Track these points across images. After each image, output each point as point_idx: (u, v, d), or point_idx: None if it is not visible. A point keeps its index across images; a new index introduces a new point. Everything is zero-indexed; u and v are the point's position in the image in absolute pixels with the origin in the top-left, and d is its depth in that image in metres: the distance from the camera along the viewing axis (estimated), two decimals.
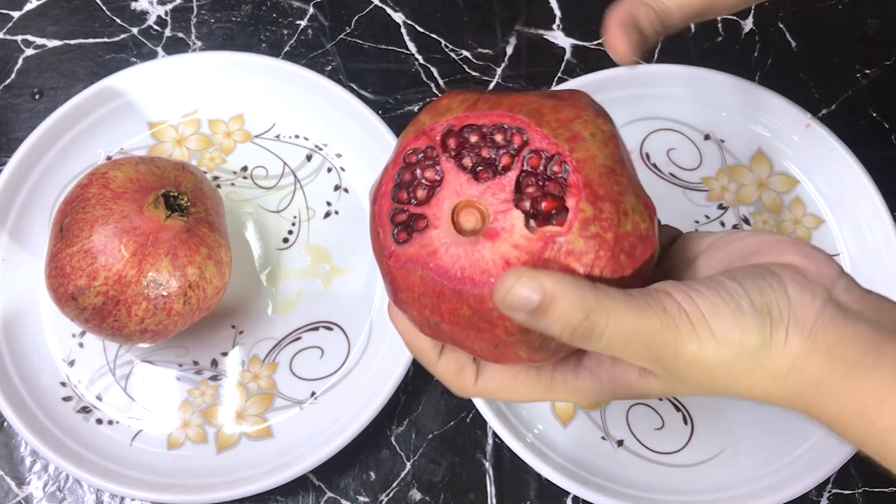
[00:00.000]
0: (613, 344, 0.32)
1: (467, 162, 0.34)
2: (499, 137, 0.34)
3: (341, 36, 0.66)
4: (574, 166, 0.33)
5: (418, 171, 0.34)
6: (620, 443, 0.54)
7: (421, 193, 0.34)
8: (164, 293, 0.49)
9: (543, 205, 0.33)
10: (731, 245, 0.36)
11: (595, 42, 0.66)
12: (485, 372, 0.38)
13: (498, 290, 0.31)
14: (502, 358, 0.35)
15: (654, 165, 0.61)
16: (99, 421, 0.54)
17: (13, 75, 0.64)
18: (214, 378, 0.56)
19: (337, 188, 0.61)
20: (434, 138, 0.35)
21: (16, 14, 0.66)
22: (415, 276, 0.34)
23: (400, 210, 0.34)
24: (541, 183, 0.33)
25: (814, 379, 0.32)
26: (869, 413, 0.32)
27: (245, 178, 0.61)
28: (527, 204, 0.33)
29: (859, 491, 0.54)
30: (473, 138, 0.34)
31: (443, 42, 0.66)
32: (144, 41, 0.66)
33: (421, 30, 0.67)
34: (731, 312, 0.32)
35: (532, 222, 0.33)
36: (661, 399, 0.55)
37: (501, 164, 0.33)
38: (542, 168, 0.33)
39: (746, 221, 0.60)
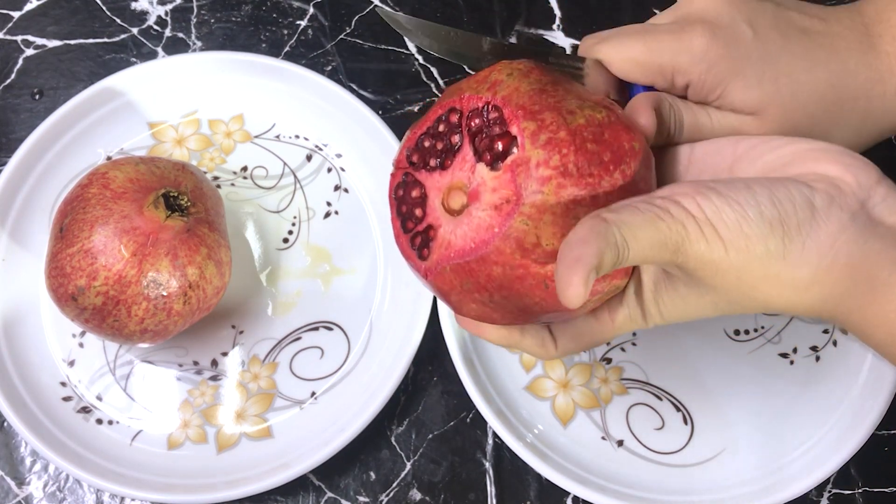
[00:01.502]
0: (640, 256, 0.33)
1: (433, 163, 0.38)
2: (442, 128, 0.38)
3: (341, 36, 0.66)
4: (502, 102, 0.36)
5: (407, 199, 0.39)
6: (620, 443, 0.54)
7: (418, 212, 0.38)
8: (164, 293, 0.49)
9: (498, 146, 0.36)
10: (766, 156, 0.36)
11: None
12: (560, 337, 0.40)
13: (562, 295, 0.32)
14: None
15: None
16: (99, 421, 0.54)
17: (13, 75, 0.64)
18: (214, 378, 0.56)
19: (337, 188, 0.61)
20: (400, 167, 0.39)
21: (16, 14, 0.66)
22: (448, 274, 0.37)
23: (413, 236, 0.38)
24: (487, 133, 0.36)
25: (836, 290, 0.33)
26: (891, 325, 0.33)
27: (245, 178, 0.61)
28: (486, 155, 0.36)
29: (859, 491, 0.54)
30: (427, 143, 0.38)
31: None
32: (144, 41, 0.66)
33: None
34: (735, 219, 0.33)
35: (499, 164, 0.36)
36: (660, 399, 0.55)
37: (454, 143, 0.37)
38: (483, 122, 0.37)
39: None
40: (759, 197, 0.33)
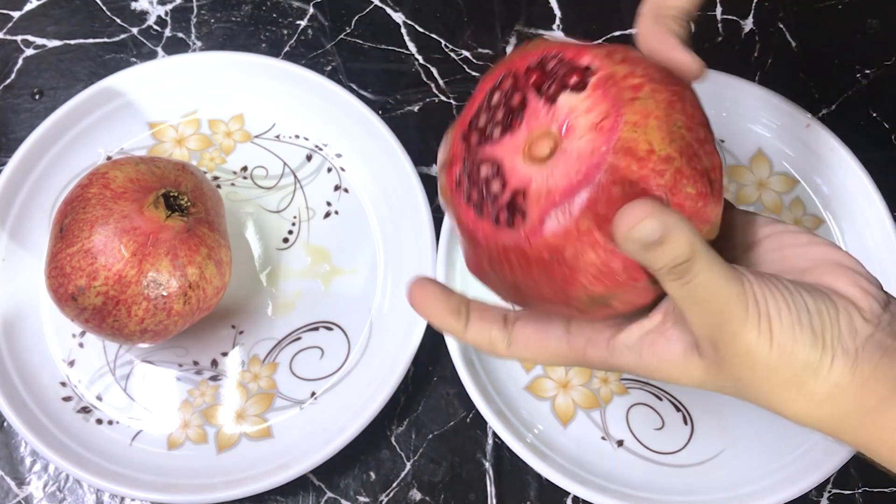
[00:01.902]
0: (696, 292, 0.32)
1: (497, 133, 0.35)
2: (496, 98, 0.35)
3: (341, 36, 0.66)
4: (559, 48, 0.35)
5: (476, 181, 0.35)
6: (620, 443, 0.54)
7: (495, 187, 0.34)
8: (164, 293, 0.49)
9: (574, 79, 0.33)
10: (787, 249, 0.36)
11: (595, 42, 0.66)
12: (513, 339, 0.38)
13: (621, 223, 0.31)
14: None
15: None
16: (99, 421, 0.54)
17: (13, 75, 0.64)
18: (214, 378, 0.56)
19: (337, 188, 0.61)
20: (456, 158, 0.36)
21: (16, 14, 0.66)
22: (559, 222, 0.33)
23: (497, 214, 0.34)
24: (555, 77, 0.34)
25: (845, 408, 0.33)
26: (895, 444, 0.34)
27: (245, 178, 0.61)
28: (565, 87, 0.33)
29: (859, 491, 0.54)
30: (483, 119, 0.35)
31: (443, 42, 0.66)
32: (144, 41, 0.66)
33: (421, 30, 0.67)
34: (791, 322, 0.33)
35: (585, 85, 0.33)
36: (660, 399, 0.55)
37: (517, 105, 0.34)
38: (545, 73, 0.34)
39: None
40: (809, 304, 0.33)
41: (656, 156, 0.32)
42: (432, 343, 0.56)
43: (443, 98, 0.64)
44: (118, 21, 0.66)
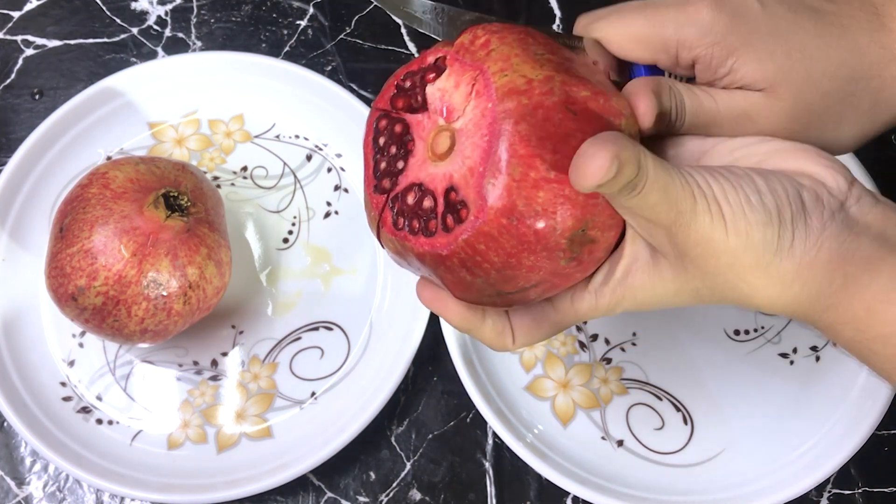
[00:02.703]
0: (647, 199, 0.32)
1: (398, 152, 0.38)
2: (386, 130, 0.38)
3: (341, 36, 0.66)
4: (454, 52, 0.36)
5: (392, 174, 0.37)
6: (620, 443, 0.54)
7: (427, 203, 0.35)
8: (164, 293, 0.49)
9: (430, 75, 0.36)
10: (736, 152, 0.36)
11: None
12: (518, 328, 0.39)
13: (578, 176, 0.31)
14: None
15: None
16: (99, 421, 0.54)
17: (13, 75, 0.64)
18: (214, 378, 0.56)
19: (337, 188, 0.61)
20: (384, 210, 0.38)
21: (16, 14, 0.66)
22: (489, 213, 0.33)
23: (434, 222, 0.35)
24: (413, 81, 0.37)
25: (814, 288, 0.33)
26: (859, 323, 0.34)
27: (245, 178, 0.61)
28: (420, 89, 0.36)
29: (859, 491, 0.54)
30: (382, 140, 0.39)
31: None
32: (144, 41, 0.66)
33: (421, 30, 0.66)
34: (741, 203, 0.33)
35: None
36: (660, 399, 0.55)
37: (398, 129, 0.37)
38: (410, 81, 0.37)
39: None
40: (759, 185, 0.33)
41: (536, 81, 0.33)
42: (432, 343, 0.56)
43: None
44: (118, 21, 0.66)
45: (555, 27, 0.67)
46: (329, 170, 0.61)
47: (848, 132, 0.40)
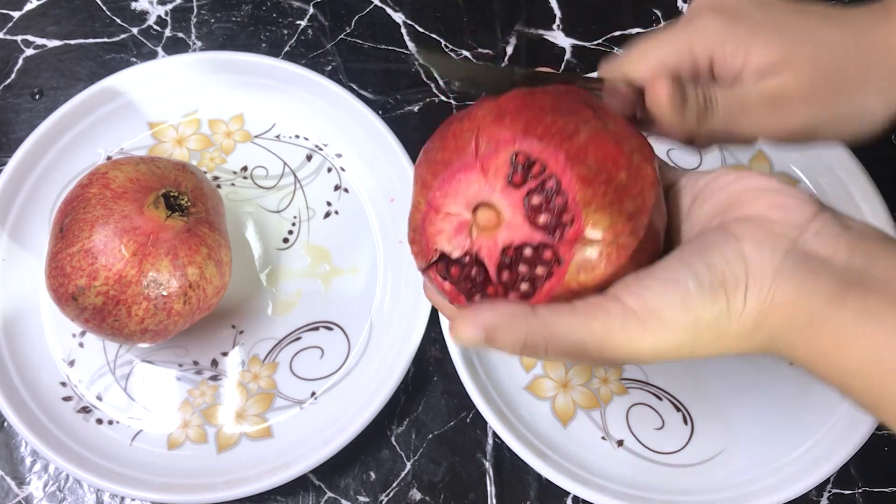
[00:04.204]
0: (560, 355, 0.34)
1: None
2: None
3: (341, 36, 0.66)
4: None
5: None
6: (620, 443, 0.54)
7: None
8: (165, 293, 0.49)
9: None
10: (717, 195, 0.37)
11: (595, 42, 0.66)
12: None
13: (452, 333, 0.35)
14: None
15: None
16: (99, 421, 0.54)
17: (13, 75, 0.64)
18: (214, 378, 0.56)
19: (337, 188, 0.61)
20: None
21: (16, 14, 0.66)
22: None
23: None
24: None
25: (777, 331, 0.34)
26: (829, 357, 0.34)
27: (245, 178, 0.61)
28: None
29: (859, 491, 0.54)
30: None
31: (443, 42, 0.66)
32: (144, 41, 0.66)
33: (421, 30, 0.67)
34: (679, 299, 0.33)
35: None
36: (660, 399, 0.55)
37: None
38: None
39: None
40: (696, 267, 0.34)
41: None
42: (432, 343, 0.56)
43: (443, 98, 0.64)
44: (118, 21, 0.66)
45: (554, 27, 0.67)
46: (329, 170, 0.61)
47: (875, 99, 0.41)
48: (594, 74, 0.45)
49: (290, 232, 0.60)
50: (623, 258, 0.35)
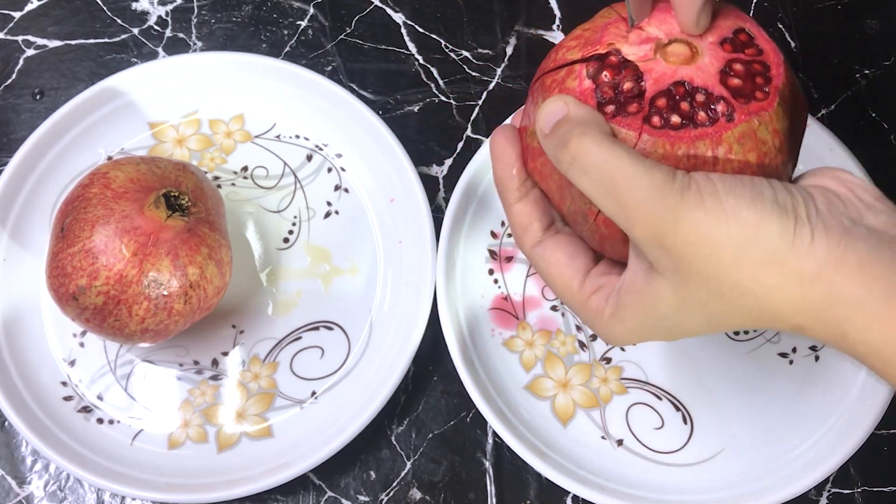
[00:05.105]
0: (588, 173, 0.32)
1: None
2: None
3: (341, 36, 0.66)
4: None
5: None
6: (620, 442, 0.54)
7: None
8: (165, 293, 0.50)
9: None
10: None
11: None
12: (544, 243, 0.37)
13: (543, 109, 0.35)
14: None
15: None
16: (100, 420, 0.54)
17: (14, 75, 0.65)
18: (215, 378, 0.56)
19: (337, 188, 0.61)
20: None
21: (16, 14, 0.66)
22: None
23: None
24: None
25: (847, 296, 0.29)
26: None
27: (245, 178, 0.61)
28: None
29: (859, 491, 0.55)
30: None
31: (443, 42, 0.66)
32: (145, 41, 0.66)
33: (421, 30, 0.67)
34: (749, 196, 0.30)
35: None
36: (660, 398, 0.55)
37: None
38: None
39: None
40: (776, 187, 0.31)
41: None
42: (432, 343, 0.56)
43: (443, 98, 0.64)
44: (119, 21, 0.66)
45: (554, 27, 0.67)
46: (329, 170, 0.61)
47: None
48: None
49: (291, 232, 0.60)
50: (776, 161, 0.34)
